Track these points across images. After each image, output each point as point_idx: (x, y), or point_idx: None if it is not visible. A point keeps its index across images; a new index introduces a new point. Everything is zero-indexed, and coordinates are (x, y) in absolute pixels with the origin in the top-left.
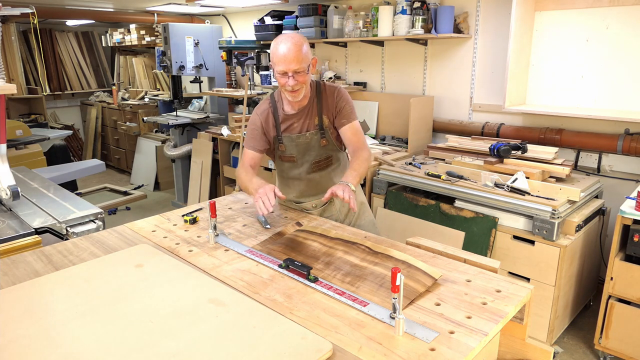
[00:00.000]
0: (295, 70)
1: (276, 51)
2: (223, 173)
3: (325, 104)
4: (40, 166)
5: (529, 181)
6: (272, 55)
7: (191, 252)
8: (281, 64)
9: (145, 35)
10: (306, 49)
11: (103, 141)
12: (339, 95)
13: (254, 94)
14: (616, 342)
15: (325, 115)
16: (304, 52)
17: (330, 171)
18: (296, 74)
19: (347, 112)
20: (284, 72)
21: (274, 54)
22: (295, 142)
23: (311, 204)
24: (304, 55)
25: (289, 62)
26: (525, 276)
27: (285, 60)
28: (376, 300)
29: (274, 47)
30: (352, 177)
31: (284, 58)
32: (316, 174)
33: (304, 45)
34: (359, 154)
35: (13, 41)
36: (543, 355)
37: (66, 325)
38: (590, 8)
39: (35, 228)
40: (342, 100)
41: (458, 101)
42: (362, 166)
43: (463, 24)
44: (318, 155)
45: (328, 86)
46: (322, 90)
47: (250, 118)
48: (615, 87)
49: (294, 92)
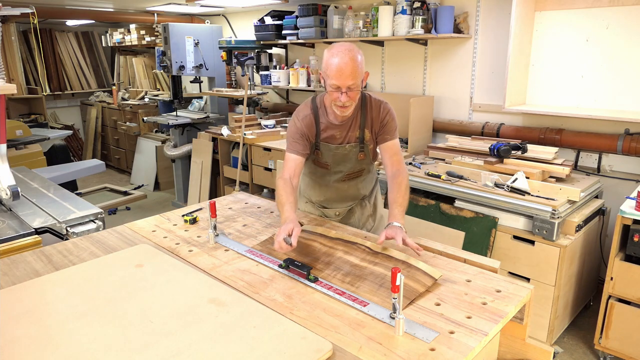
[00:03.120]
0: (349, 86)
1: (331, 63)
2: (223, 173)
3: (370, 117)
4: (40, 166)
5: (529, 181)
6: (326, 67)
7: (191, 252)
8: (336, 79)
9: (145, 35)
10: (362, 62)
11: (103, 141)
12: (385, 110)
13: (254, 94)
14: (616, 342)
15: (367, 129)
16: (360, 67)
17: (359, 182)
18: (349, 90)
19: (391, 128)
20: (337, 87)
21: (329, 66)
22: (332, 152)
23: (334, 211)
24: (360, 71)
25: (345, 77)
26: (525, 276)
27: (342, 76)
28: (376, 300)
29: (329, 59)
30: (401, 216)
31: (340, 73)
32: (345, 183)
33: (360, 59)
34: (400, 182)
35: (13, 41)
36: (543, 355)
37: (66, 325)
38: (590, 8)
39: (35, 228)
40: (389, 115)
41: (458, 101)
42: (406, 200)
43: (463, 24)
44: (353, 167)
45: (374, 99)
46: (368, 103)
47: (291, 122)
48: (615, 87)
49: (344, 107)
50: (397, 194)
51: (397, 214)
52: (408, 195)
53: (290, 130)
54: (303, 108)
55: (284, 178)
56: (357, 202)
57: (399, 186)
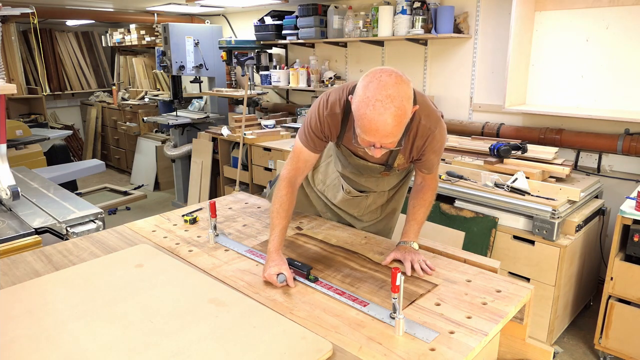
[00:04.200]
0: (386, 144)
1: (364, 115)
2: (223, 173)
3: (408, 145)
4: (40, 166)
5: (529, 181)
6: (357, 113)
7: (191, 252)
8: (369, 137)
9: (145, 35)
10: (408, 114)
11: (103, 141)
12: (431, 143)
13: (254, 94)
14: (616, 342)
15: (402, 155)
16: (404, 121)
17: (379, 179)
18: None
19: (431, 163)
20: (372, 143)
21: (361, 117)
22: (354, 159)
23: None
24: (403, 127)
25: (380, 137)
26: (525, 276)
27: (376, 135)
28: (376, 301)
29: (363, 107)
30: (416, 235)
31: (375, 133)
32: (362, 178)
33: (406, 113)
34: (425, 198)
35: (13, 41)
36: (543, 355)
37: (66, 325)
38: (590, 8)
39: (35, 228)
40: (431, 151)
41: (458, 101)
42: (425, 216)
43: (463, 24)
44: (374, 175)
45: (423, 125)
46: (413, 130)
47: (314, 109)
48: (615, 87)
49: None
50: (419, 209)
51: (411, 232)
52: (428, 213)
53: (312, 120)
54: (333, 101)
55: (290, 179)
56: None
57: (422, 201)
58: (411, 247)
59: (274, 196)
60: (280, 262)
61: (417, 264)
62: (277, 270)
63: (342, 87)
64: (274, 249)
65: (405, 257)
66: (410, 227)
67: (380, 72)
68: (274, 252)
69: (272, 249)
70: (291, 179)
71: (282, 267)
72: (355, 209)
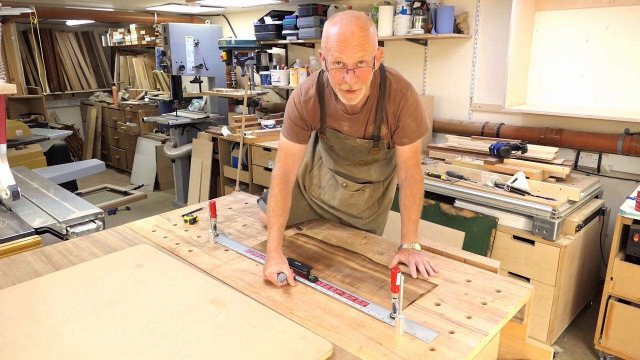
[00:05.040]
0: (357, 60)
1: (332, 32)
2: (223, 173)
3: (386, 111)
4: (40, 166)
5: (529, 181)
6: (326, 39)
7: (191, 252)
8: (339, 50)
9: (145, 35)
10: (373, 32)
11: (103, 141)
12: (404, 106)
13: (254, 94)
14: (616, 342)
15: (384, 124)
16: (372, 37)
17: (371, 168)
18: (357, 67)
19: (411, 130)
20: (339, 61)
21: (329, 37)
22: (341, 140)
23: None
24: (372, 42)
25: (350, 49)
26: (525, 276)
27: (346, 47)
28: (376, 301)
29: (329, 27)
30: (415, 235)
31: (345, 43)
32: (355, 167)
33: (370, 28)
34: (414, 194)
35: (13, 41)
36: (543, 355)
37: (66, 325)
38: (590, 8)
39: (35, 228)
40: (407, 114)
41: (458, 101)
42: (419, 214)
43: (463, 24)
44: (364, 158)
45: (394, 88)
46: (387, 91)
47: (290, 100)
48: (615, 87)
49: (350, 92)
50: (411, 208)
51: (410, 233)
52: (422, 207)
53: (290, 112)
54: (306, 87)
55: (281, 176)
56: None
57: (412, 199)
58: (414, 249)
59: (269, 196)
60: (281, 261)
61: (422, 265)
62: (278, 269)
63: (313, 74)
64: (273, 247)
65: (410, 260)
66: (407, 228)
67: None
68: (273, 251)
69: (272, 248)
70: (283, 176)
71: (283, 266)
72: (354, 207)
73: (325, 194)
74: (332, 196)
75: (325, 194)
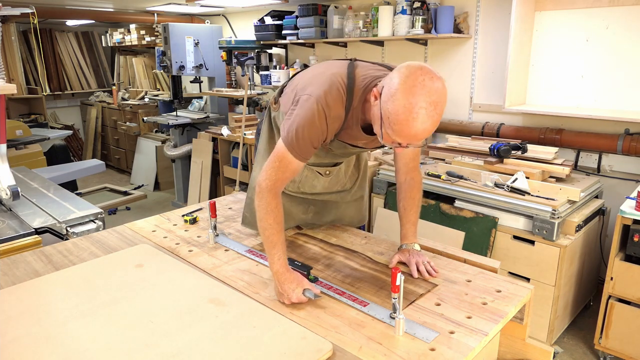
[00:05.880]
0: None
1: (407, 121)
2: (223, 173)
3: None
4: (40, 166)
5: (529, 181)
6: (396, 118)
7: (191, 252)
8: (407, 141)
9: (145, 35)
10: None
11: (103, 141)
12: None
13: (254, 94)
14: (616, 342)
15: None
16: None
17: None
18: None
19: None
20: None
21: (401, 124)
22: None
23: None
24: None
25: (418, 140)
26: (525, 276)
27: (417, 139)
28: (376, 301)
29: (406, 113)
30: (414, 235)
31: (415, 136)
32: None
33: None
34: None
35: (13, 41)
36: (543, 355)
37: (66, 325)
38: (590, 8)
39: (35, 228)
40: None
41: (458, 101)
42: (418, 215)
43: (463, 24)
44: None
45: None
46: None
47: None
48: (615, 87)
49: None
50: (410, 210)
51: (409, 234)
52: (420, 209)
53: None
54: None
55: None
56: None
57: (412, 201)
58: (414, 249)
59: (262, 210)
60: (297, 278)
61: (422, 265)
62: (301, 289)
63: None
64: (283, 268)
65: (410, 260)
66: (407, 229)
67: (421, 73)
68: (285, 272)
69: (282, 269)
70: (277, 191)
71: (302, 282)
72: (336, 184)
73: (304, 186)
74: (312, 186)
75: (304, 185)
